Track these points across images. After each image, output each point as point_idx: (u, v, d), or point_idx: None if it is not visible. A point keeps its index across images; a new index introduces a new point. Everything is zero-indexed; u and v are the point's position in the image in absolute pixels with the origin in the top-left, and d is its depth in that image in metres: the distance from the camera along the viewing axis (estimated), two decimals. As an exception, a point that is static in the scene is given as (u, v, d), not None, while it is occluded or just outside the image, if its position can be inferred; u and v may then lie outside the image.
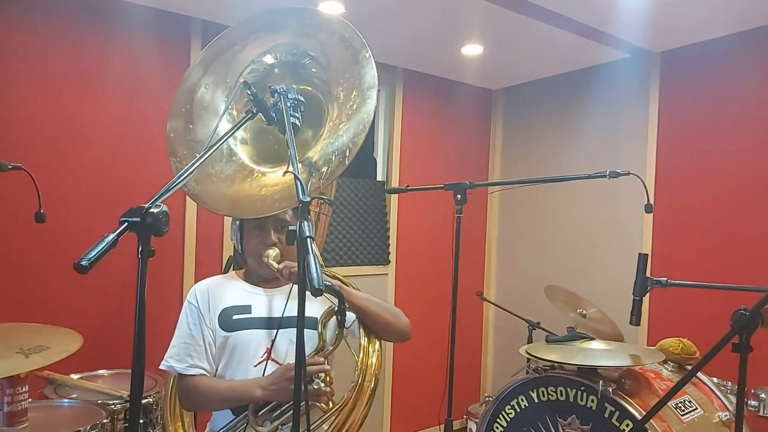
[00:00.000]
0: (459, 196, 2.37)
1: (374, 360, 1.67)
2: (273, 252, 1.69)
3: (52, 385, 2.39)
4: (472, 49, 3.54)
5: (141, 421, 2.24)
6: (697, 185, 3.28)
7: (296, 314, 1.23)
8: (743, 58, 3.13)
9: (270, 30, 1.80)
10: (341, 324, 1.63)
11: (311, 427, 1.33)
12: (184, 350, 1.68)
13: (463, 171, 4.22)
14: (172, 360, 1.68)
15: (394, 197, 3.97)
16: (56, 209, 2.62)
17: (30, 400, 1.95)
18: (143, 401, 2.23)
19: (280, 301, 1.71)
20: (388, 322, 1.76)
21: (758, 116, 3.05)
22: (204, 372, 1.68)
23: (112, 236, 1.11)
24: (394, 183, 3.94)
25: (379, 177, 4.03)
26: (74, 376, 2.47)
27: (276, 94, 1.61)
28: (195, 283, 1.81)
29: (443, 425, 2.45)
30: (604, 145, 3.76)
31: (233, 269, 1.92)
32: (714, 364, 1.50)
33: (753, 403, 2.34)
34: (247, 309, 1.72)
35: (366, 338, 1.71)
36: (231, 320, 1.70)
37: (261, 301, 1.74)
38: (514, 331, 3.71)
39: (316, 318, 1.65)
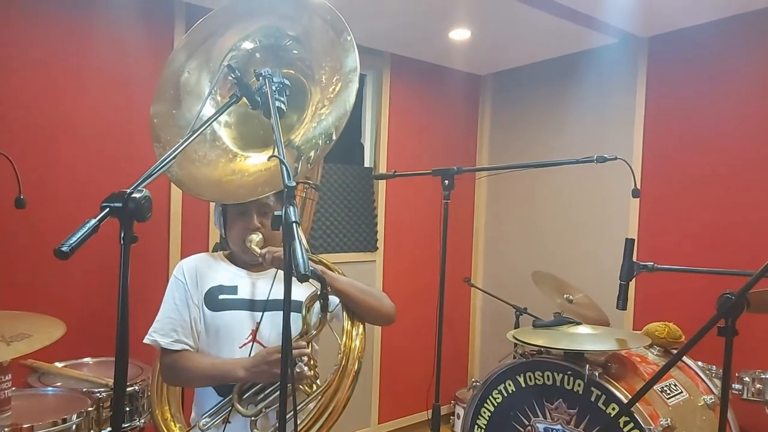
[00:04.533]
0: (447, 181, 2.36)
1: (357, 343, 1.68)
2: (256, 237, 1.69)
3: (36, 373, 2.36)
4: (460, 34, 3.52)
5: (127, 409, 2.23)
6: (684, 170, 3.29)
7: (280, 297, 1.23)
8: (731, 43, 3.13)
9: (251, 15, 1.78)
10: (324, 308, 1.63)
11: (296, 409, 1.33)
12: (168, 325, 1.67)
13: (451, 157, 4.21)
14: (157, 334, 1.67)
15: (382, 183, 3.95)
16: (38, 195, 2.59)
17: (13, 388, 1.94)
18: (129, 389, 2.22)
19: (265, 284, 1.70)
20: (372, 306, 1.76)
21: (745, 101, 3.06)
22: (188, 348, 1.68)
23: (93, 222, 1.09)
24: (382, 169, 3.92)
25: (367, 163, 4.01)
26: (58, 365, 2.45)
27: (261, 78, 1.60)
28: None
29: (431, 410, 2.46)
30: (592, 131, 3.77)
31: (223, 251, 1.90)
32: (699, 348, 1.51)
33: (737, 386, 2.37)
34: (233, 290, 1.71)
35: (350, 322, 1.72)
36: (217, 300, 1.69)
37: (246, 284, 1.74)
38: (502, 316, 3.73)
39: (301, 301, 1.65)
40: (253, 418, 1.60)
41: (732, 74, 3.12)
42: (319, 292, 1.63)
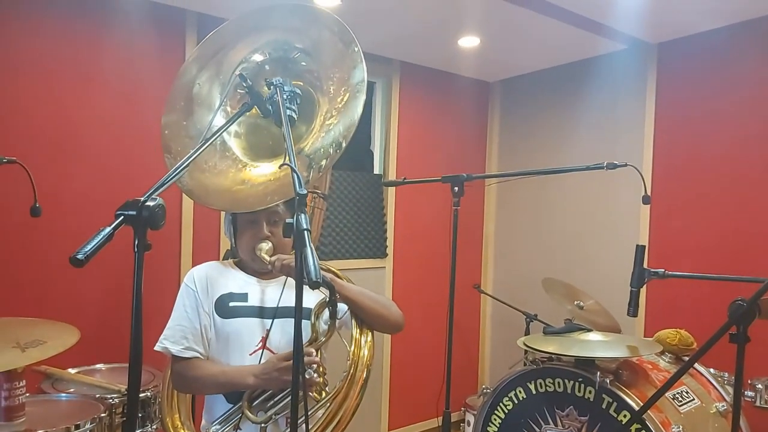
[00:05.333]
0: (456, 188, 2.37)
1: (366, 352, 1.68)
2: (266, 245, 1.70)
3: (50, 379, 2.38)
4: (469, 41, 3.53)
5: (139, 415, 2.24)
6: (695, 177, 3.28)
7: (290, 304, 1.24)
8: (741, 49, 3.12)
9: (260, 28, 1.80)
10: (333, 315, 1.64)
11: (307, 415, 1.34)
12: (179, 333, 1.68)
13: (461, 163, 4.22)
14: (168, 342, 1.68)
15: (392, 190, 3.96)
16: (52, 203, 2.62)
17: (27, 394, 1.95)
18: (141, 395, 2.23)
19: (274, 291, 1.72)
20: (380, 314, 1.77)
21: (756, 107, 3.05)
22: (198, 355, 1.68)
23: (108, 230, 1.10)
24: (391, 176, 3.93)
25: (376, 170, 4.02)
26: (72, 371, 2.47)
27: (272, 87, 1.62)
28: None
29: (441, 417, 2.46)
30: (602, 137, 3.76)
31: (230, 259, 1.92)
32: (711, 355, 1.50)
33: (750, 393, 2.35)
34: (243, 297, 1.72)
35: (358, 330, 1.73)
36: (227, 307, 1.71)
37: (256, 291, 1.75)
38: (512, 323, 3.72)
39: (310, 308, 1.66)
40: (263, 425, 1.60)
41: (742, 80, 3.11)
42: (328, 300, 1.64)
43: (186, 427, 1.78)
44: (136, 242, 1.13)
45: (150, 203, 1.13)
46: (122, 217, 1.13)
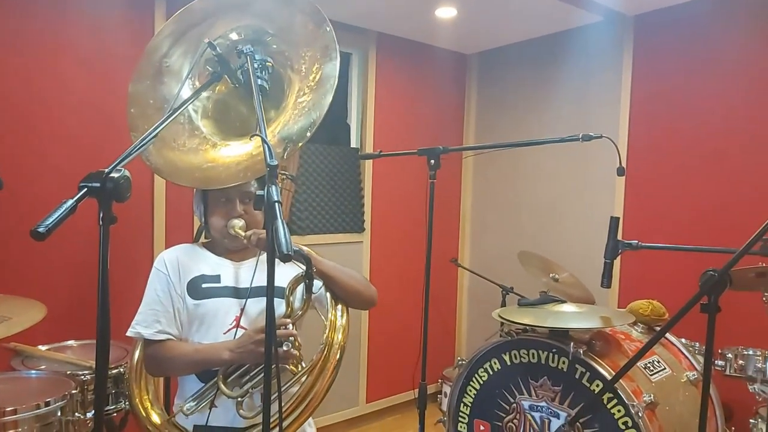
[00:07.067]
0: (432, 161, 2.35)
1: (340, 336, 1.69)
2: (239, 222, 1.69)
3: (20, 356, 2.34)
4: (446, 12, 3.48)
5: (113, 391, 2.22)
6: (670, 149, 3.30)
7: (264, 284, 1.23)
8: (718, 21, 3.12)
9: (236, 8, 1.79)
10: (309, 289, 1.63)
11: (280, 390, 1.33)
12: (152, 316, 1.66)
13: (438, 136, 4.19)
14: (140, 326, 1.66)
15: (369, 164, 3.93)
16: (16, 175, 2.55)
17: (-4, 372, 1.92)
18: (114, 371, 2.21)
19: (248, 271, 1.71)
20: (356, 289, 1.78)
21: (733, 81, 3.06)
22: (171, 337, 1.67)
23: (70, 202, 1.08)
24: (368, 149, 3.89)
25: (353, 143, 3.98)
26: (42, 348, 2.43)
27: (242, 56, 1.59)
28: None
29: (417, 389, 2.47)
30: (578, 109, 3.76)
31: (204, 238, 1.89)
32: (682, 325, 1.52)
33: (720, 362, 2.41)
34: (216, 279, 1.71)
35: (333, 310, 1.73)
36: (200, 288, 1.69)
37: (229, 272, 1.73)
38: (488, 296, 3.75)
39: (284, 288, 1.65)
40: (239, 400, 1.60)
41: (719, 53, 3.12)
42: (304, 273, 1.63)
43: (156, 407, 1.76)
44: (101, 215, 1.11)
45: (114, 175, 1.11)
46: (86, 189, 1.10)
